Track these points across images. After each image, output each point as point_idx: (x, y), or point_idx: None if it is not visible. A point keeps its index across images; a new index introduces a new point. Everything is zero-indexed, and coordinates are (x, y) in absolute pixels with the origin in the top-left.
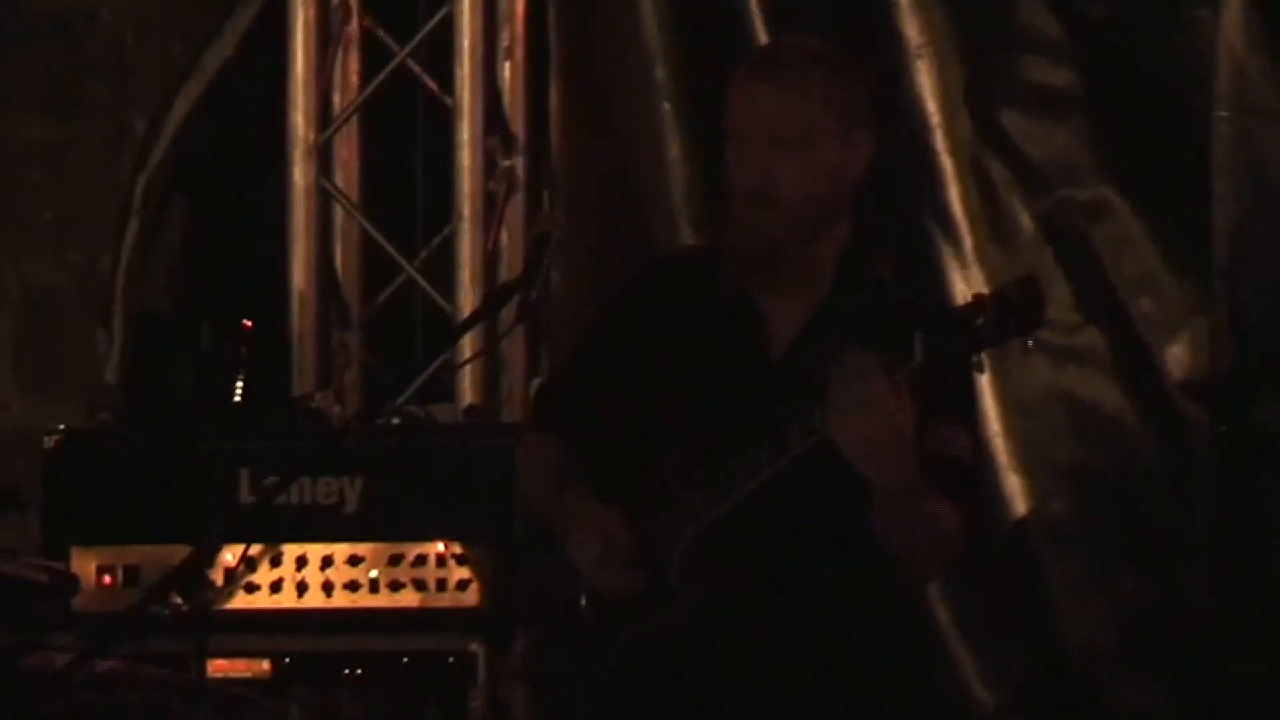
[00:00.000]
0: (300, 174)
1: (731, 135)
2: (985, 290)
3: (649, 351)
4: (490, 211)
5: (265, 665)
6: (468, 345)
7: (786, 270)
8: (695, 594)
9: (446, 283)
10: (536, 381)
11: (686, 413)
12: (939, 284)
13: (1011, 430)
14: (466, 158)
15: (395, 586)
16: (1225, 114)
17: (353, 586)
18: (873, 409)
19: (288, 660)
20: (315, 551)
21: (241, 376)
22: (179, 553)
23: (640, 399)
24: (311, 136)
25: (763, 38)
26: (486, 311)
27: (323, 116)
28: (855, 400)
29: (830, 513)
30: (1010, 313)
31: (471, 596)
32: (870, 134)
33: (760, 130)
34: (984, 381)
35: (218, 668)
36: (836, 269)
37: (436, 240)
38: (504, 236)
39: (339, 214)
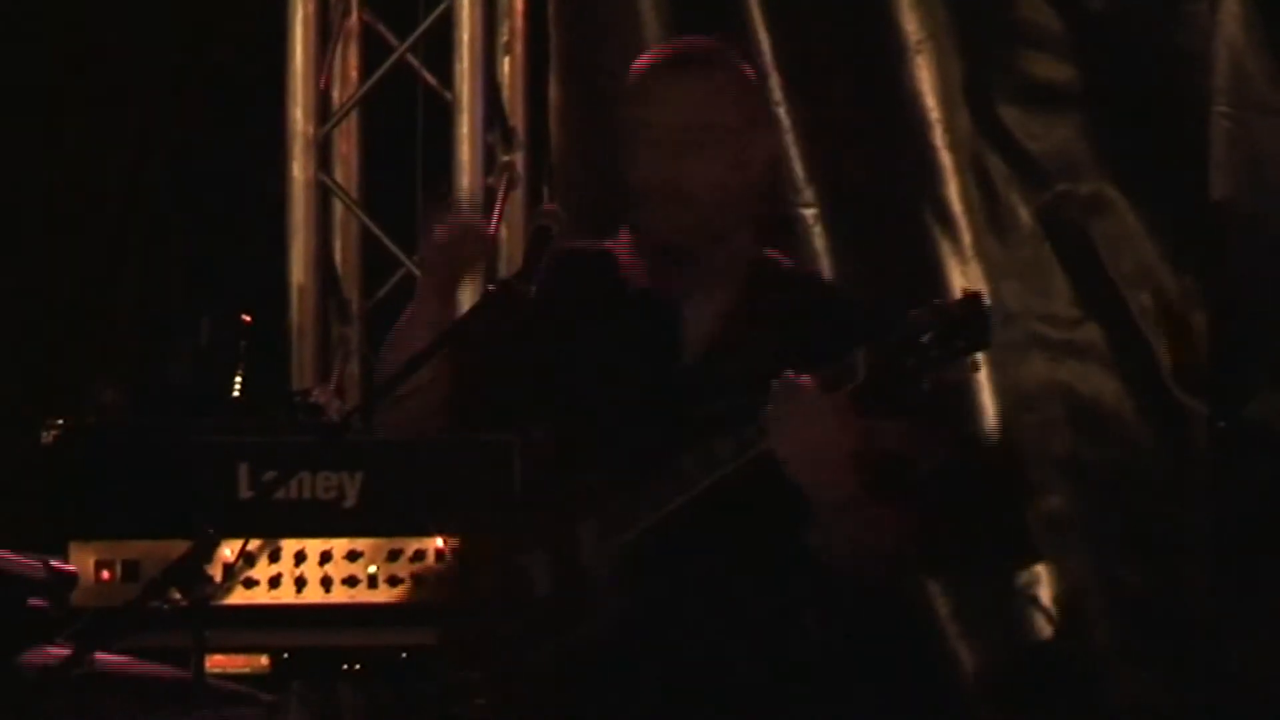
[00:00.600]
0: (299, 168)
1: (634, 132)
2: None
3: (559, 350)
4: (489, 206)
5: (264, 660)
6: None
7: (696, 269)
8: (621, 605)
9: None
10: None
11: (603, 417)
12: (939, 279)
13: (1011, 425)
14: (466, 153)
15: (394, 581)
16: (1224, 109)
17: (351, 581)
18: (813, 428)
19: (286, 655)
20: (314, 546)
21: (240, 371)
22: (178, 547)
23: (552, 400)
24: (311, 131)
25: (762, 34)
26: (485, 307)
27: (322, 111)
28: (795, 419)
29: (759, 523)
30: (957, 332)
31: None
32: (771, 132)
33: (669, 127)
34: (983, 376)
35: (216, 663)
36: (746, 268)
37: None
38: (503, 231)
39: (338, 209)
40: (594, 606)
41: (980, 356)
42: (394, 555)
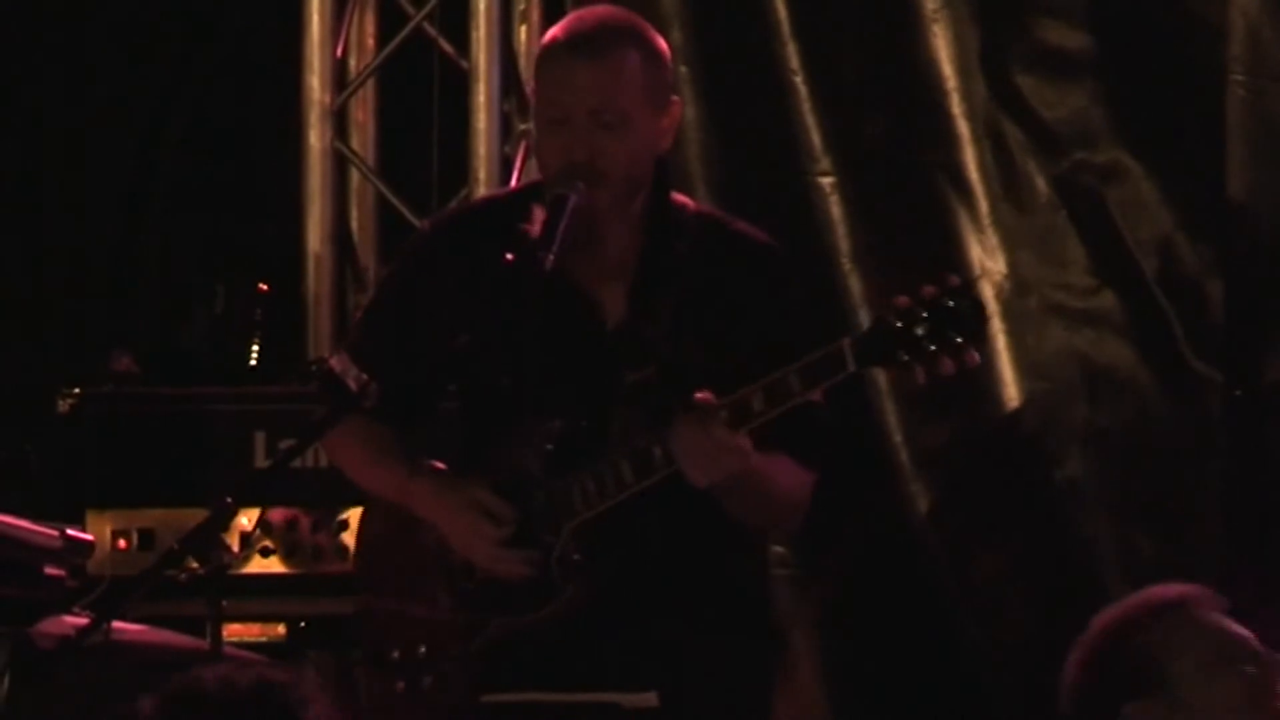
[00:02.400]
0: (316, 137)
1: (547, 112)
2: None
3: (472, 329)
4: (506, 174)
5: (280, 629)
6: None
7: (603, 244)
8: (583, 590)
9: None
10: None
11: (528, 394)
12: (955, 248)
13: (1027, 393)
14: (482, 121)
15: None
16: (1239, 77)
17: None
18: (715, 460)
19: (303, 624)
20: (330, 515)
21: (257, 339)
22: (194, 516)
23: (471, 378)
24: (327, 100)
25: (779, 2)
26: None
27: (338, 80)
28: (698, 452)
29: (700, 502)
30: (952, 325)
31: None
32: (676, 106)
33: (583, 106)
34: (1000, 345)
35: (233, 632)
36: (645, 221)
37: (452, 203)
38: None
39: (355, 177)
40: (552, 591)
41: (976, 354)
42: None
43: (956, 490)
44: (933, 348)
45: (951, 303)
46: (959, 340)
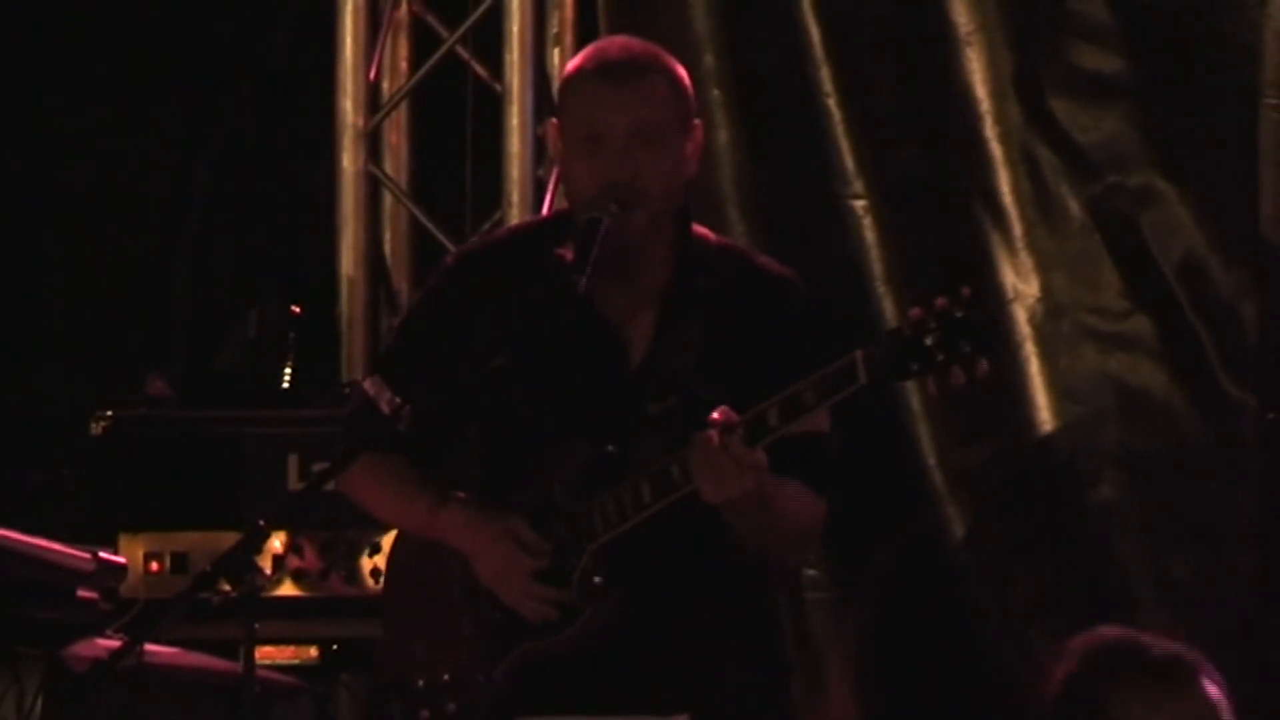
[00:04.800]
0: (349, 160)
1: (581, 133)
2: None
3: (503, 354)
4: (539, 197)
5: (313, 652)
6: None
7: (632, 274)
8: (602, 613)
9: None
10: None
11: (553, 422)
12: (989, 271)
13: (1061, 417)
14: (516, 144)
15: None
16: (1273, 100)
17: None
18: (732, 480)
19: (335, 647)
20: (363, 538)
21: (291, 362)
22: (227, 539)
23: (498, 404)
24: (361, 122)
25: (812, 25)
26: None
27: (372, 102)
28: (715, 471)
29: (712, 529)
30: (962, 335)
31: None
32: (699, 130)
33: (621, 128)
34: (1033, 369)
35: (266, 654)
36: (673, 255)
37: (485, 226)
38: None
39: (388, 200)
40: (573, 615)
41: (986, 364)
42: None
43: (991, 513)
44: (941, 357)
45: (961, 314)
46: (968, 350)
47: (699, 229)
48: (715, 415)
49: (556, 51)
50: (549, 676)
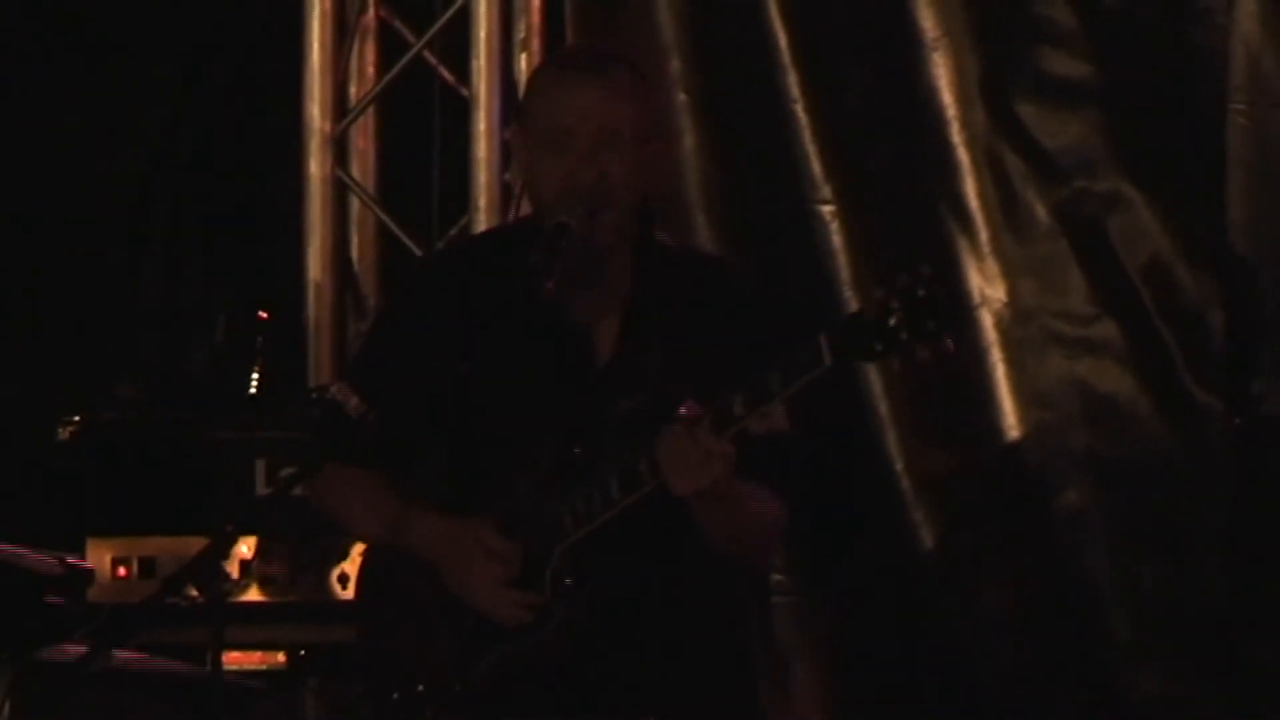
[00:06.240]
0: (316, 165)
1: (547, 135)
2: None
3: (470, 359)
4: (506, 202)
5: (280, 657)
6: None
7: (599, 277)
8: (571, 614)
9: None
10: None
11: (520, 425)
12: (956, 276)
13: (1028, 422)
14: (483, 149)
15: None
16: (1240, 105)
17: None
18: (700, 469)
19: (303, 652)
20: (331, 543)
21: (257, 367)
22: (195, 544)
23: (464, 409)
24: (328, 127)
25: (779, 30)
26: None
27: (339, 107)
28: (684, 462)
29: (683, 525)
30: (925, 314)
31: None
32: (664, 136)
33: (590, 129)
34: (1000, 374)
35: (233, 659)
36: (635, 257)
37: (453, 231)
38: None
39: (355, 205)
40: (552, 613)
41: (950, 341)
42: None
43: (958, 518)
44: (905, 336)
45: (923, 291)
46: (932, 328)
47: (659, 233)
48: (683, 410)
49: (524, 57)
50: (522, 681)
